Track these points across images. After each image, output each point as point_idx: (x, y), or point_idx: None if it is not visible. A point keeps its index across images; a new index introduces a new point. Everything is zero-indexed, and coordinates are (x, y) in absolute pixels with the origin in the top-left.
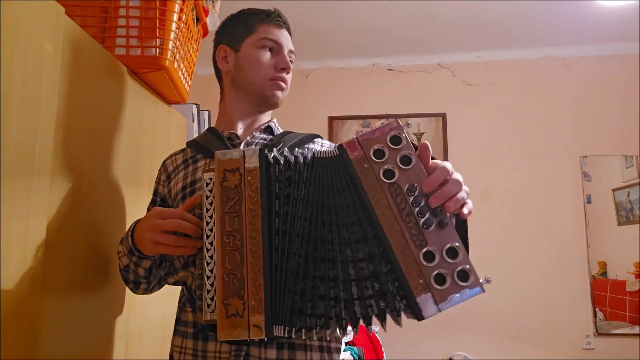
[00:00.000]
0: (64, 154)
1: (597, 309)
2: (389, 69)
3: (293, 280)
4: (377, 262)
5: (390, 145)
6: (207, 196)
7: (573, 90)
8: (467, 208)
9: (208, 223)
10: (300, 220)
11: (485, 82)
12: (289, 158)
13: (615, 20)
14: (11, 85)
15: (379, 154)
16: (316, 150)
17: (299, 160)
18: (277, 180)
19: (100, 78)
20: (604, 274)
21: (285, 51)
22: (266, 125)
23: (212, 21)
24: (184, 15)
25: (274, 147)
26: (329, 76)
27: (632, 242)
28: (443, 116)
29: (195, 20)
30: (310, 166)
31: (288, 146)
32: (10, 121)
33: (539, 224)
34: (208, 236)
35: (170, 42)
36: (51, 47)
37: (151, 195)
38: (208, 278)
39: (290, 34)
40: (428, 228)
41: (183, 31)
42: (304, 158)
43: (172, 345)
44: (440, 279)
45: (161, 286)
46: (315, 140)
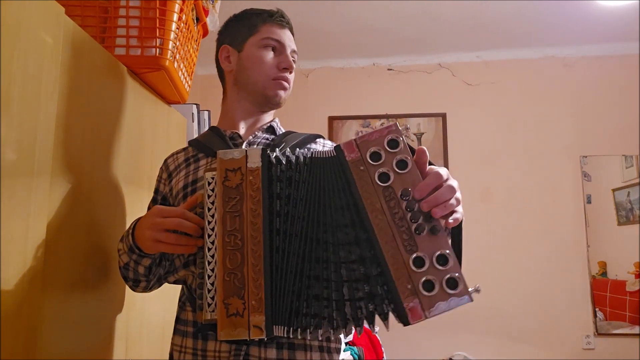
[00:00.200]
0: (64, 154)
1: (597, 309)
2: (389, 69)
3: (292, 280)
4: (368, 265)
5: (388, 148)
6: (209, 195)
7: (573, 90)
8: (453, 218)
9: (209, 222)
10: (299, 220)
11: (485, 82)
12: (290, 158)
13: (615, 20)
14: (11, 85)
15: (375, 156)
16: (314, 150)
17: (300, 160)
18: (279, 181)
19: (100, 78)
20: (604, 274)
21: (288, 51)
22: (268, 125)
23: (212, 21)
24: (184, 15)
25: (276, 147)
26: (329, 76)
27: (632, 242)
28: (443, 116)
29: (195, 20)
30: (308, 166)
31: (290, 146)
32: (10, 121)
33: (539, 224)
34: (209, 235)
35: (170, 42)
36: (51, 40)
37: (151, 194)
38: (209, 277)
39: (293, 34)
40: (420, 233)
41: (183, 31)
42: (304, 158)
43: (172, 344)
44: (428, 286)
45: (161, 285)
46: (317, 140)
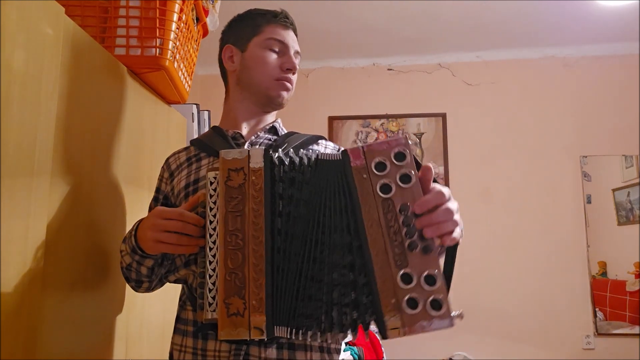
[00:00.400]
0: (64, 154)
1: (597, 309)
2: (389, 69)
3: (292, 280)
4: (357, 272)
5: (394, 160)
6: (211, 195)
7: (573, 91)
8: (450, 239)
9: (211, 222)
10: (300, 221)
11: (485, 82)
12: (293, 159)
13: (615, 20)
14: (11, 85)
15: (380, 166)
16: (320, 153)
17: (303, 162)
18: (281, 181)
19: (100, 78)
20: (604, 274)
21: (292, 52)
22: (271, 125)
23: (212, 21)
24: (184, 15)
25: (278, 148)
26: (329, 76)
27: (632, 242)
28: (443, 116)
29: (195, 20)
30: (313, 168)
31: (292, 147)
32: (10, 121)
33: (539, 224)
34: (211, 235)
35: (170, 42)
36: (51, 40)
37: (152, 194)
38: (210, 277)
39: (297, 34)
40: (412, 250)
41: (183, 31)
42: (308, 159)
43: (172, 343)
44: (412, 303)
45: (162, 284)
46: (319, 141)
